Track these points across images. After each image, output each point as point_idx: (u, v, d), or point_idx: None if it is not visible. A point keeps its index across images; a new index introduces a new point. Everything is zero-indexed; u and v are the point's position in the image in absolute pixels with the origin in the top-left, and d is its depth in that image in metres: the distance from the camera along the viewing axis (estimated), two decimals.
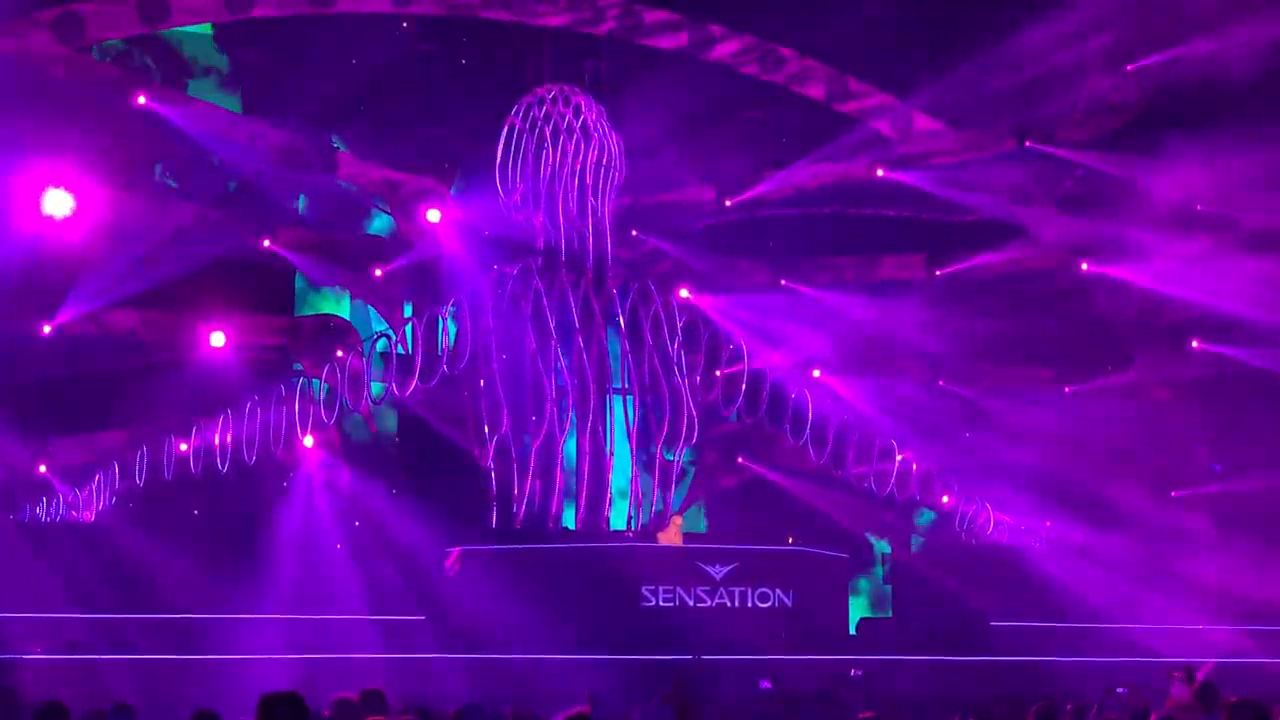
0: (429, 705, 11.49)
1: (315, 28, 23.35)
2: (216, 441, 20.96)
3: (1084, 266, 25.15)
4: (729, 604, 19.25)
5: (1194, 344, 25.57)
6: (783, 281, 25.40)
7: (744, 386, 21.96)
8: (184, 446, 21.29)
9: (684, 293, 23.31)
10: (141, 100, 22.08)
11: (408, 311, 23.01)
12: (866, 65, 24.84)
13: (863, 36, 23.54)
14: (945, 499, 23.40)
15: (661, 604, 19.03)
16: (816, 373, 24.49)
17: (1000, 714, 12.35)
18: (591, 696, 10.52)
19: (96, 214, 21.59)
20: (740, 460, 24.85)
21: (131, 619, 18.30)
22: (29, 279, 21.60)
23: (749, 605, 19.32)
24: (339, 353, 21.54)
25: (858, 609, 24.72)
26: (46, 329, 22.15)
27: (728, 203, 25.27)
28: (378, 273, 24.06)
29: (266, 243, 23.35)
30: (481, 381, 21.24)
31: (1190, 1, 22.33)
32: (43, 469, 22.14)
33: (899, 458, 22.51)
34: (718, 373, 22.38)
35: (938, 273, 25.83)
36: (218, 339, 22.89)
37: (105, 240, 21.94)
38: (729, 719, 16.56)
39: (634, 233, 23.71)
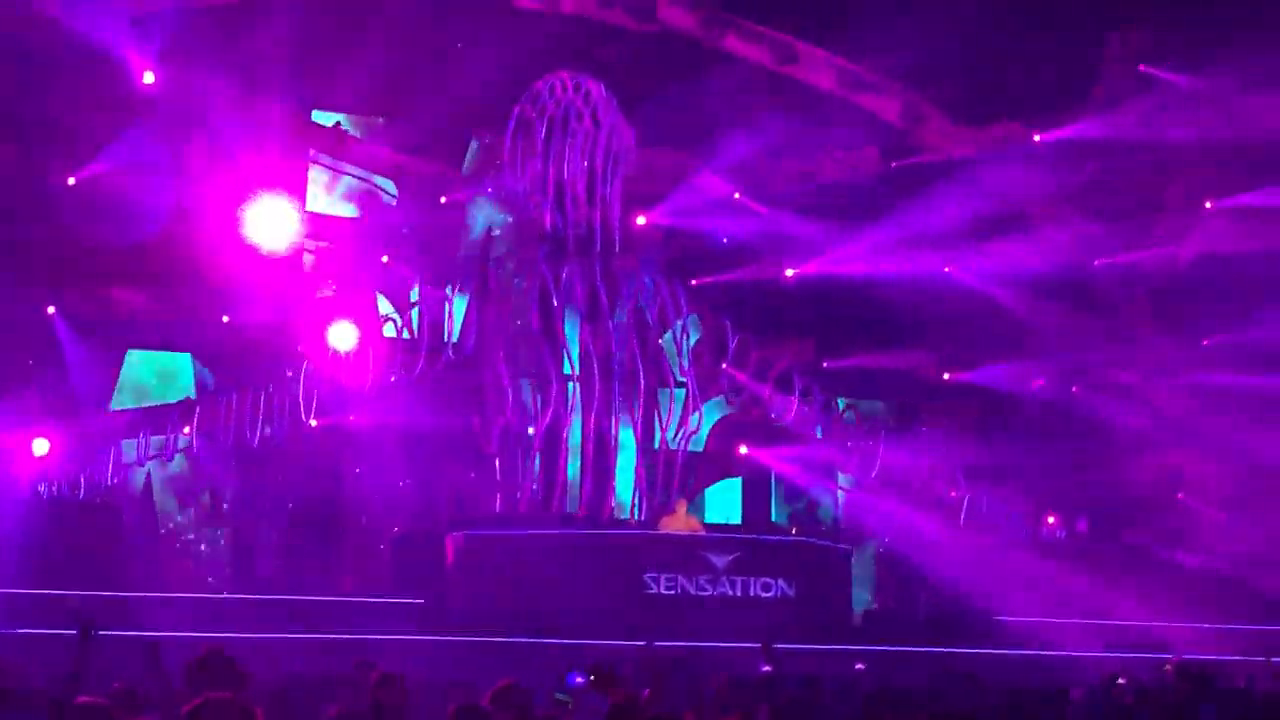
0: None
1: None
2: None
3: None
4: (730, 593, 19.18)
5: None
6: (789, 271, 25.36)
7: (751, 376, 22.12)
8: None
9: (692, 281, 23.28)
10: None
11: (414, 295, 22.91)
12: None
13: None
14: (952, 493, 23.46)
15: (664, 591, 18.98)
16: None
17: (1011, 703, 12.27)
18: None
19: None
20: (745, 450, 24.70)
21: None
22: None
23: (751, 594, 19.26)
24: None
25: None
26: None
27: (736, 195, 25.20)
28: (385, 259, 24.03)
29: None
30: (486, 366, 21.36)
31: None
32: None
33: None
34: (724, 365, 22.45)
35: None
36: None
37: None
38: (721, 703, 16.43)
39: (641, 219, 23.58)
